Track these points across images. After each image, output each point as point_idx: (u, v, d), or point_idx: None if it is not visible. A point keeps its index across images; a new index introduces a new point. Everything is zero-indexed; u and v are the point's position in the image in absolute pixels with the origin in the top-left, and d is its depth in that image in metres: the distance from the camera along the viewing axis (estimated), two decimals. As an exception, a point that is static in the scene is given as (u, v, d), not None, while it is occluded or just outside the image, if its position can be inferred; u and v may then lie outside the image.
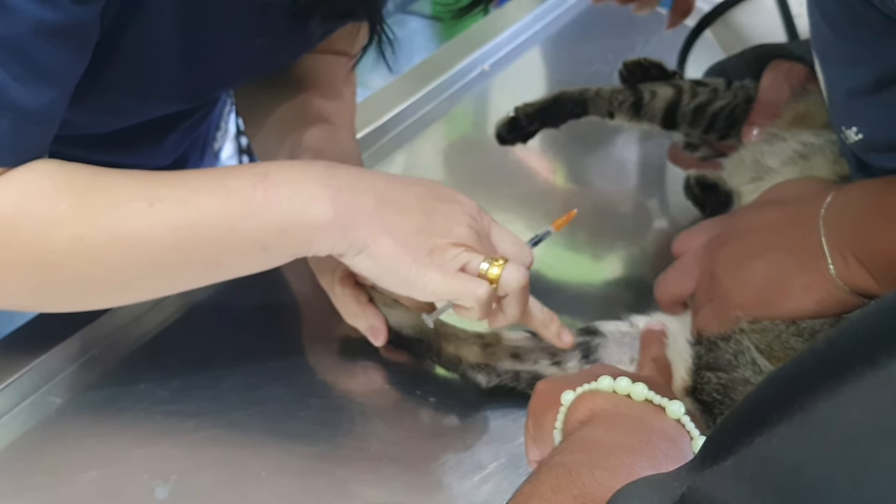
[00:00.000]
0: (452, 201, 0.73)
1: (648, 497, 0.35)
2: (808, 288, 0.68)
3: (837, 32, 0.66)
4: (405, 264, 0.69)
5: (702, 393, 0.69)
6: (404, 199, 0.71)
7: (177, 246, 0.67)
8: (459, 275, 0.69)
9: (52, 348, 0.78)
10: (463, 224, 0.71)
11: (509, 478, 0.72)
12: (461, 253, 0.70)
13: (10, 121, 0.63)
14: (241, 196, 0.67)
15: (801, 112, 0.85)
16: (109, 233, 0.66)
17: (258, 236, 0.68)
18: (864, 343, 0.31)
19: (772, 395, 0.33)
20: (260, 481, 0.71)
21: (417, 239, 0.69)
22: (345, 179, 0.70)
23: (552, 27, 1.36)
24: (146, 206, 0.66)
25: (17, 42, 0.61)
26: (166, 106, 0.85)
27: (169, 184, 0.68)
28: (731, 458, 0.31)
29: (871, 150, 0.68)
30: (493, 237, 0.74)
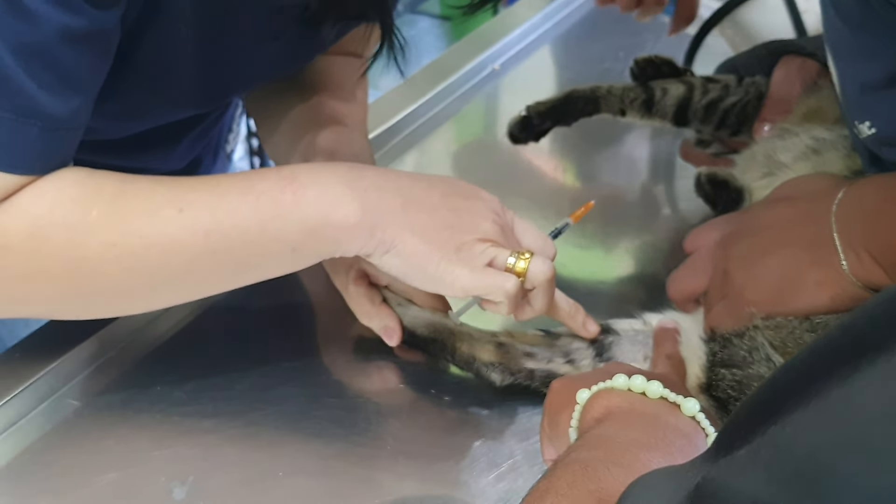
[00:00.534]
0: (476, 198, 0.74)
1: (664, 487, 0.35)
2: (822, 284, 0.67)
3: (851, 27, 0.66)
4: (433, 262, 0.69)
5: (716, 390, 0.69)
6: (429, 197, 0.71)
7: (208, 249, 0.68)
8: (487, 270, 0.70)
9: (68, 352, 0.78)
10: (488, 220, 0.72)
11: (524, 475, 0.72)
12: (488, 248, 0.70)
13: (39, 129, 0.63)
14: (270, 198, 0.68)
15: (813, 107, 0.85)
16: (141, 239, 0.67)
17: (288, 237, 0.69)
18: (876, 330, 0.31)
19: (785, 384, 0.33)
20: (277, 481, 0.71)
21: (444, 236, 0.70)
22: (371, 180, 0.71)
23: (562, 25, 1.36)
24: (176, 211, 0.67)
25: (43, 50, 0.62)
26: (183, 110, 0.85)
27: (197, 189, 0.69)
28: (745, 446, 0.32)
29: (884, 144, 0.68)
30: (517, 231, 0.75)
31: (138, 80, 0.75)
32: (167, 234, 0.67)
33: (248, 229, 0.68)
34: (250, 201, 0.68)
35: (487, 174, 1.08)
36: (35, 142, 0.64)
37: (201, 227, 0.67)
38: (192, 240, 0.67)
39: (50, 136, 0.64)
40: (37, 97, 0.62)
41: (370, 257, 0.71)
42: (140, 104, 0.79)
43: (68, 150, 0.67)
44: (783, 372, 0.34)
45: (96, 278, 0.68)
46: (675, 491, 0.33)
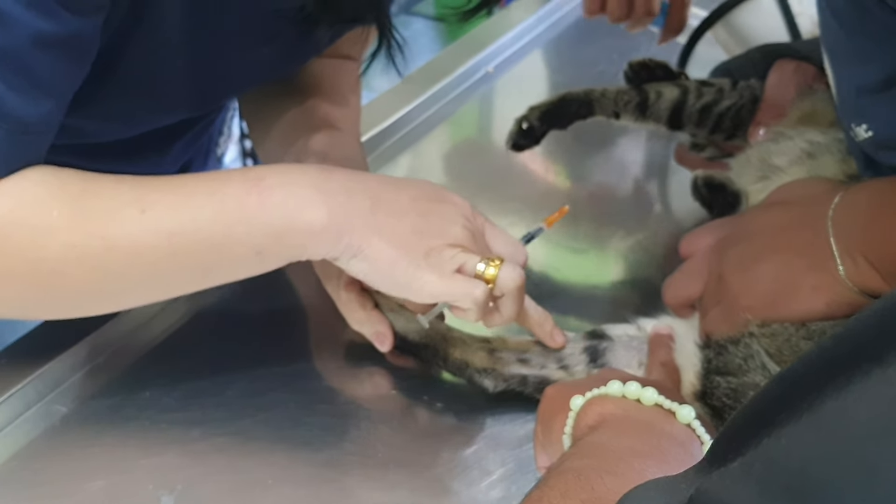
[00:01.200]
0: (446, 202, 0.73)
1: (656, 499, 0.34)
2: (818, 289, 0.67)
3: (847, 29, 0.66)
4: (400, 267, 0.68)
5: (711, 397, 0.68)
6: (398, 201, 0.71)
7: (171, 251, 0.67)
8: (456, 276, 0.69)
9: (56, 357, 0.78)
10: (458, 224, 0.71)
11: (517, 483, 0.71)
12: (457, 254, 0.69)
13: (6, 131, 0.63)
14: (235, 201, 0.67)
15: (808, 111, 0.85)
16: (103, 240, 0.66)
17: (252, 241, 0.68)
18: (871, 341, 0.30)
19: (778, 395, 0.33)
20: (266, 489, 0.70)
21: (412, 241, 0.69)
22: (339, 183, 0.70)
23: (556, 28, 1.36)
24: (139, 212, 0.66)
25: (14, 53, 0.61)
26: (175, 114, 0.85)
27: (162, 189, 0.68)
28: (738, 459, 0.31)
29: (880, 147, 0.67)
30: (488, 236, 0.74)
31: (128, 84, 0.74)
32: (130, 236, 0.66)
33: (212, 232, 0.67)
34: (215, 203, 0.67)
35: (481, 176, 1.07)
36: (0, 144, 0.63)
37: (164, 228, 0.66)
38: (155, 241, 0.66)
39: (16, 138, 0.64)
40: (5, 99, 0.61)
41: (337, 261, 0.70)
42: (131, 109, 0.79)
43: (35, 154, 0.66)
44: (777, 382, 0.34)
45: (58, 279, 0.67)
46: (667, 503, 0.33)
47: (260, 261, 0.70)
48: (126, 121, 0.82)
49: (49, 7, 0.60)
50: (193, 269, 0.70)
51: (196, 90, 0.80)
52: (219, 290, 0.87)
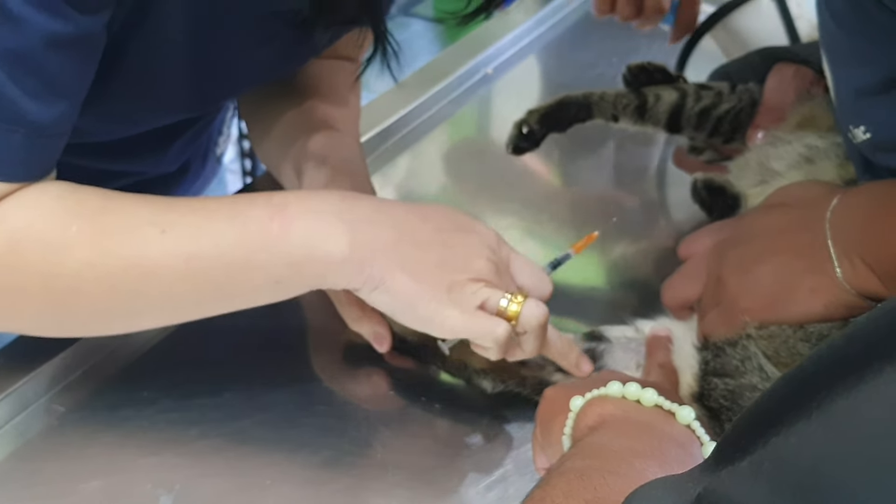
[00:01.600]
0: (471, 231, 0.71)
1: (663, 498, 0.34)
2: (815, 291, 0.67)
3: (846, 31, 0.66)
4: (423, 301, 0.68)
5: (709, 399, 0.68)
6: (422, 231, 0.69)
7: (189, 274, 0.66)
8: (478, 313, 0.68)
9: (54, 356, 0.77)
10: (482, 257, 0.70)
11: (515, 484, 0.71)
12: (480, 289, 0.68)
13: (23, 136, 0.62)
14: (258, 227, 0.66)
15: (807, 115, 0.85)
16: (120, 259, 0.65)
17: (272, 269, 0.67)
18: (882, 340, 0.30)
19: (788, 394, 0.32)
20: (264, 489, 0.70)
21: (435, 275, 0.68)
22: (362, 212, 0.69)
23: (555, 30, 1.36)
24: (158, 232, 0.65)
25: (28, 56, 0.61)
26: (175, 114, 0.85)
27: (182, 210, 0.67)
28: (747, 458, 0.31)
29: (879, 149, 0.68)
30: (513, 268, 0.73)
31: (129, 83, 0.74)
32: (148, 256, 0.65)
33: (232, 257, 0.66)
34: (237, 228, 0.66)
35: (480, 178, 1.07)
36: (18, 149, 0.63)
37: (184, 250, 0.66)
38: (174, 263, 0.66)
39: (33, 143, 0.63)
40: (20, 103, 0.61)
41: (359, 292, 0.69)
42: (132, 108, 0.79)
43: (52, 157, 0.66)
44: (786, 381, 0.33)
45: (73, 297, 0.66)
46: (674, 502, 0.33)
47: (278, 289, 0.69)
48: (126, 120, 0.82)
49: (59, 7, 0.60)
50: (210, 293, 0.69)
51: (196, 90, 0.80)
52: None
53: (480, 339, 0.68)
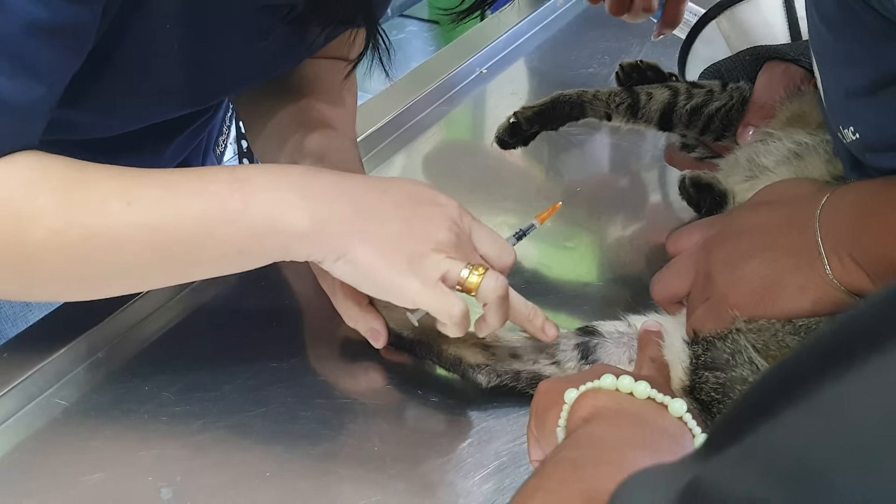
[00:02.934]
0: (433, 204, 0.73)
1: (655, 485, 0.35)
2: (804, 288, 0.68)
3: (835, 33, 0.67)
4: (383, 272, 0.69)
5: (700, 392, 0.69)
6: (383, 204, 0.71)
7: (153, 245, 0.68)
8: (437, 287, 0.69)
9: (57, 351, 0.79)
10: (443, 228, 0.71)
11: (510, 476, 0.72)
12: (441, 260, 0.70)
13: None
14: (219, 200, 0.68)
15: (796, 112, 0.86)
16: (85, 230, 0.67)
17: (235, 241, 0.69)
18: (869, 330, 0.30)
19: (777, 384, 0.33)
20: (265, 481, 0.71)
21: (396, 245, 0.69)
22: (323, 186, 0.70)
23: (548, 30, 1.37)
24: (124, 204, 0.67)
25: (7, 39, 0.62)
26: (172, 110, 0.85)
27: (148, 183, 0.69)
28: (736, 445, 0.32)
29: (867, 149, 0.68)
30: (475, 238, 0.74)
31: (124, 76, 0.75)
32: (112, 228, 0.67)
33: (194, 230, 0.68)
34: (200, 202, 0.68)
35: (475, 176, 1.09)
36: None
37: (147, 223, 0.67)
38: (138, 235, 0.67)
39: (4, 121, 0.65)
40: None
41: (321, 263, 0.71)
42: (127, 101, 0.79)
43: (24, 139, 0.67)
44: (776, 371, 0.34)
45: (38, 265, 0.68)
46: (666, 489, 0.33)
47: (241, 259, 0.71)
48: (122, 115, 0.82)
49: None
50: (174, 264, 0.71)
51: (191, 85, 0.81)
52: (216, 287, 0.88)
53: (438, 314, 0.70)
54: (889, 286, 0.31)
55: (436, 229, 0.71)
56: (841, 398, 0.29)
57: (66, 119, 0.72)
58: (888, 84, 0.64)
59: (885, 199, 0.66)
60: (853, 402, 0.29)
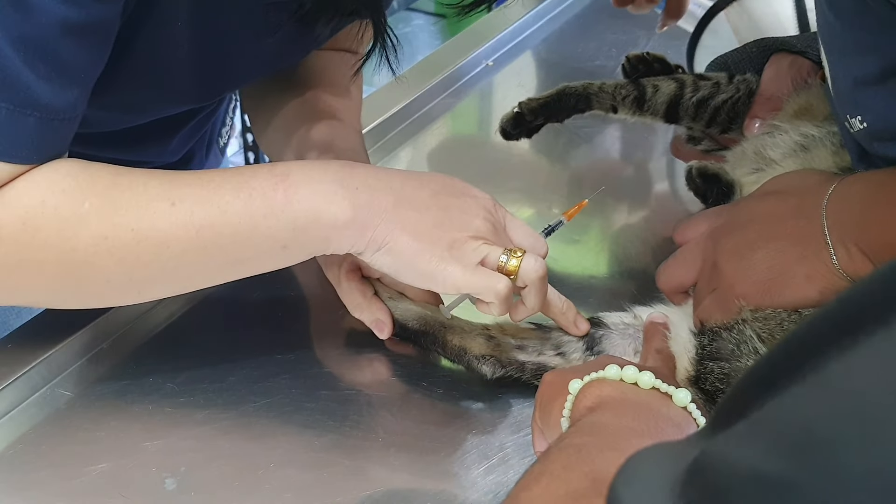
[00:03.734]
0: (468, 195, 0.74)
1: (662, 461, 0.35)
2: (811, 278, 0.68)
3: (843, 22, 0.67)
4: (424, 259, 0.70)
5: (705, 382, 0.69)
6: (420, 195, 0.72)
7: (199, 244, 0.69)
8: (479, 269, 0.71)
9: (61, 342, 0.79)
10: (479, 217, 0.72)
11: (515, 468, 0.72)
12: (480, 246, 0.71)
13: (37, 119, 0.64)
14: (262, 195, 0.69)
15: (803, 105, 0.86)
16: (133, 232, 0.67)
17: (278, 235, 0.70)
18: (874, 304, 0.30)
19: (782, 360, 0.33)
20: (269, 472, 0.71)
21: (436, 234, 0.71)
22: (362, 179, 0.71)
23: (555, 23, 1.37)
24: (168, 205, 0.68)
25: (42, 41, 0.62)
26: (180, 104, 0.86)
27: (190, 183, 0.69)
28: (742, 420, 0.32)
29: (875, 138, 0.68)
30: (509, 229, 0.75)
31: (135, 72, 0.76)
32: (159, 228, 0.68)
33: (239, 226, 0.69)
34: (242, 198, 0.69)
35: (481, 168, 1.08)
36: (32, 132, 0.64)
37: (193, 222, 0.68)
38: (184, 234, 0.68)
39: (46, 126, 0.65)
40: (34, 88, 0.63)
41: (362, 255, 0.72)
42: (137, 97, 0.80)
43: (64, 141, 0.68)
44: (781, 347, 0.34)
45: (87, 269, 0.68)
46: (673, 465, 0.33)
47: (286, 254, 0.72)
48: (130, 110, 0.83)
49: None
50: (221, 261, 0.71)
51: (200, 82, 0.81)
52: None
53: (483, 293, 0.71)
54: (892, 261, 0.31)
55: (472, 218, 0.72)
56: (846, 371, 0.29)
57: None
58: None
59: (891, 188, 0.66)
60: (859, 375, 0.29)
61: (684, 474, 0.32)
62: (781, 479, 0.28)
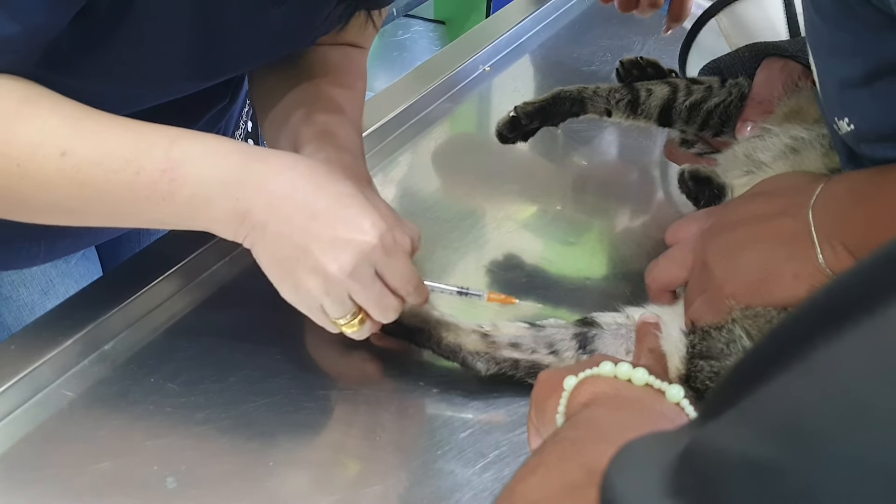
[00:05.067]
0: (345, 230, 0.73)
1: (653, 449, 0.35)
2: (799, 276, 0.69)
3: (828, 24, 0.68)
4: (277, 281, 0.75)
5: (695, 381, 0.70)
6: (296, 218, 0.72)
7: (82, 197, 0.71)
8: (316, 310, 0.75)
9: (64, 343, 0.80)
10: (337, 262, 0.72)
11: (510, 465, 0.73)
12: (322, 296, 0.74)
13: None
14: (149, 179, 0.71)
15: (793, 107, 0.87)
16: (18, 168, 0.70)
17: (157, 215, 0.73)
18: (861, 293, 0.31)
19: (771, 349, 0.33)
20: (268, 471, 0.72)
21: (287, 265, 0.73)
22: (251, 184, 0.72)
23: (550, 28, 1.38)
24: (58, 154, 0.70)
25: None
26: (183, 81, 0.86)
27: (88, 136, 0.71)
28: (731, 408, 0.32)
29: (862, 140, 0.69)
30: (387, 268, 0.74)
31: (136, 44, 0.77)
32: (43, 173, 0.70)
33: (120, 197, 0.72)
34: (129, 173, 0.71)
35: (479, 172, 1.10)
36: None
37: (77, 177, 0.70)
38: (66, 185, 0.71)
39: None
40: None
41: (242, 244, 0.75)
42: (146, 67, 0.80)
43: None
44: (768, 338, 0.35)
45: None
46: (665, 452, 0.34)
47: (164, 227, 0.77)
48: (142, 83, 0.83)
49: None
50: (100, 216, 0.75)
51: (203, 55, 0.82)
52: (221, 280, 0.89)
53: None
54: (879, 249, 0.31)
55: (331, 261, 0.72)
56: (833, 359, 0.30)
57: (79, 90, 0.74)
58: (882, 75, 0.64)
59: (876, 187, 0.67)
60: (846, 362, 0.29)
61: (676, 461, 0.33)
62: (769, 465, 0.28)
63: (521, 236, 0.99)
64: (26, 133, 0.70)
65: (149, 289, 0.85)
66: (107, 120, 0.72)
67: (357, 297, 0.74)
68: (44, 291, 1.05)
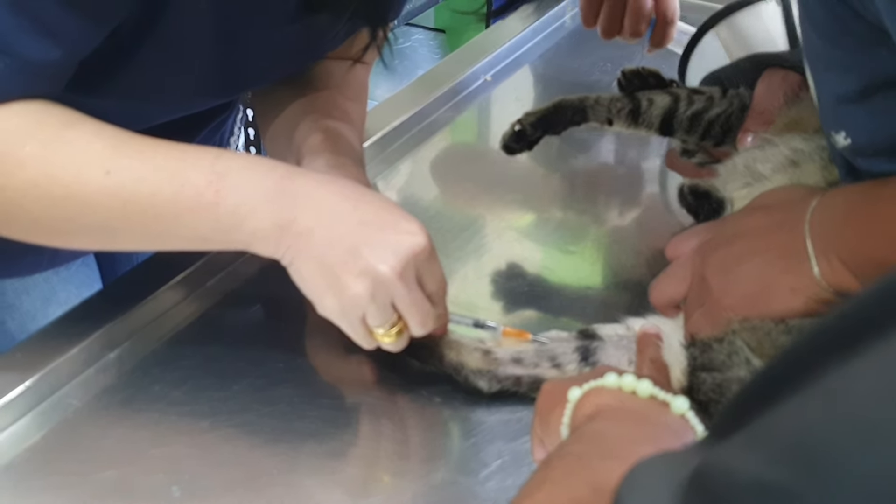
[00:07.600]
0: (394, 230, 0.74)
1: (663, 471, 0.35)
2: (795, 290, 0.69)
3: (825, 41, 0.68)
4: (318, 291, 0.74)
5: (698, 393, 0.70)
6: (344, 224, 0.73)
7: (124, 216, 0.72)
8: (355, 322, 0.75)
9: (69, 352, 0.80)
10: (388, 262, 0.72)
11: (513, 475, 0.73)
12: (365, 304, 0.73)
13: (5, 65, 0.67)
14: (195, 190, 0.72)
15: (793, 118, 0.87)
16: (63, 189, 0.70)
17: (200, 229, 0.73)
18: (872, 317, 0.31)
19: (782, 371, 0.34)
20: (272, 479, 0.73)
21: (335, 272, 0.73)
22: (293, 195, 0.73)
23: (552, 38, 1.39)
24: (103, 173, 0.70)
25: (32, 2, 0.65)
26: (208, 95, 0.87)
27: (133, 156, 0.72)
28: (742, 430, 0.32)
29: (858, 154, 0.69)
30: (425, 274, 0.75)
31: (158, 64, 0.78)
32: (88, 192, 0.71)
33: (164, 210, 0.72)
34: (175, 186, 0.71)
35: (480, 181, 1.10)
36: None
37: (122, 194, 0.71)
38: (110, 203, 0.71)
39: (15, 75, 0.68)
40: (11, 36, 0.66)
41: (280, 261, 0.75)
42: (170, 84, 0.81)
43: (30, 92, 0.70)
44: (780, 360, 0.35)
45: (16, 209, 0.72)
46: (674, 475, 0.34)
47: (205, 244, 0.77)
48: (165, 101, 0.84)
49: None
50: (142, 235, 0.75)
51: (223, 72, 0.83)
52: (226, 290, 0.90)
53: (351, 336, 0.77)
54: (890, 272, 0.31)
55: (378, 262, 0.72)
56: (847, 381, 0.30)
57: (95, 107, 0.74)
58: (877, 90, 0.65)
59: (871, 201, 0.67)
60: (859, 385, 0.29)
61: (687, 482, 0.33)
62: (782, 488, 0.29)
63: (521, 245, 0.99)
64: (70, 156, 0.70)
65: (153, 298, 0.86)
66: (150, 141, 0.73)
67: (400, 303, 0.74)
68: (45, 298, 1.05)
